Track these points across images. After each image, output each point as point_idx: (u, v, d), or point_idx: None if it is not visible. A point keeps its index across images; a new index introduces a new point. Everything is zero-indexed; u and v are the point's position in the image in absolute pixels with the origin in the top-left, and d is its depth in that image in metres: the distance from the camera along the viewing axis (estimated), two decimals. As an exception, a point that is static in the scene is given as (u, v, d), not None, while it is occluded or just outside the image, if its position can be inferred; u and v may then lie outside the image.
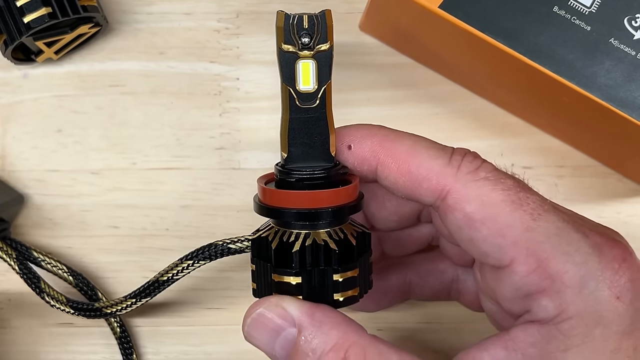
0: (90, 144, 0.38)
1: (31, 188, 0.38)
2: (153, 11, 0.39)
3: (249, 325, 0.27)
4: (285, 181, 0.28)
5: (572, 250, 0.26)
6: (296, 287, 0.27)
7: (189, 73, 0.39)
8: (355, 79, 0.39)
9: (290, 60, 0.27)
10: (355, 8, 0.39)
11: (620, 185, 0.39)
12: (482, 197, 0.26)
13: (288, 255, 0.27)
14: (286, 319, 0.26)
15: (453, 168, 0.27)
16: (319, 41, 0.27)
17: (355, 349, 0.26)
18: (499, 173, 0.27)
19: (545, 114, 0.37)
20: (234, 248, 0.31)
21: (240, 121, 0.38)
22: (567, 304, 0.25)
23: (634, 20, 0.30)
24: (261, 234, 0.28)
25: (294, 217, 0.27)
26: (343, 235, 0.27)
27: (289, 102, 0.28)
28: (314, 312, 0.26)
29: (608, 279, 0.26)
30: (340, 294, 0.27)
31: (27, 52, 0.37)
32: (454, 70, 0.38)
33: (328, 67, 0.27)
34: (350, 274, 0.27)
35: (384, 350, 0.26)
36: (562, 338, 0.25)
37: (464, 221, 0.26)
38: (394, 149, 0.28)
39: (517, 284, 0.26)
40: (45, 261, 0.36)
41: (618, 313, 0.25)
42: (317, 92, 0.27)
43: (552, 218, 0.26)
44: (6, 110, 0.38)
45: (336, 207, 0.27)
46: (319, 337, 0.26)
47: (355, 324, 0.27)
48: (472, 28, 0.31)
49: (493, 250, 0.26)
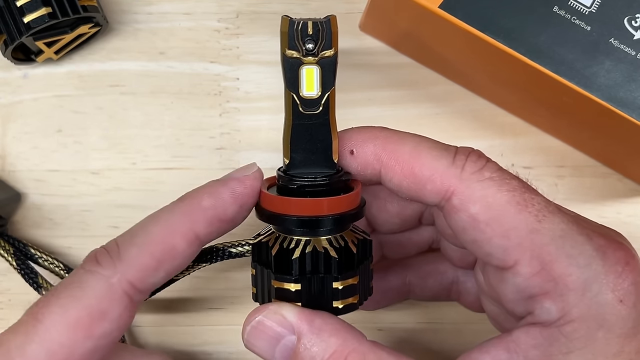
0: (90, 144, 0.38)
1: (31, 188, 0.38)
2: (153, 11, 0.39)
3: (248, 332, 0.27)
4: (287, 187, 0.28)
5: (576, 253, 0.26)
6: (295, 293, 0.27)
7: (189, 73, 0.39)
8: (355, 79, 0.39)
9: (294, 66, 0.27)
10: (355, 8, 0.39)
11: (621, 186, 0.39)
12: (487, 198, 0.26)
13: (288, 262, 0.27)
14: (285, 326, 0.26)
15: (457, 168, 0.27)
16: (323, 47, 0.27)
17: (355, 356, 0.26)
18: (504, 173, 0.27)
19: (545, 114, 0.37)
20: (234, 252, 0.31)
21: (240, 121, 0.38)
22: (570, 307, 0.25)
23: (634, 20, 0.30)
24: (262, 239, 0.28)
25: (295, 224, 0.27)
26: (344, 242, 0.27)
27: (292, 108, 0.27)
28: (313, 319, 0.26)
29: (611, 282, 0.26)
30: (340, 301, 0.27)
31: (27, 52, 0.37)
32: (454, 70, 0.38)
33: (332, 73, 0.27)
34: (351, 281, 0.27)
35: (384, 356, 0.26)
36: (564, 341, 0.25)
37: (468, 222, 0.26)
38: (397, 151, 0.27)
39: (521, 286, 0.26)
40: (42, 258, 0.36)
41: (621, 316, 0.25)
42: (320, 99, 0.27)
43: (556, 220, 0.26)
44: (6, 110, 0.38)
45: (337, 214, 0.27)
46: (318, 344, 0.26)
47: (355, 330, 0.27)
48: (472, 28, 0.31)
49: (497, 252, 0.26)
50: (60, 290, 0.26)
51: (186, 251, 0.27)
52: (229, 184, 0.28)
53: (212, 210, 0.27)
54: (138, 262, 0.27)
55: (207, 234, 0.27)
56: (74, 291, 0.26)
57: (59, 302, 0.26)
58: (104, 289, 0.26)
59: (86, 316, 0.26)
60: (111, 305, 0.26)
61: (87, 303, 0.26)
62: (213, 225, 0.27)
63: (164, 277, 0.27)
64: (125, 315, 0.27)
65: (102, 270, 0.26)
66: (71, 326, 0.25)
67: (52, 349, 0.25)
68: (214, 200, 0.27)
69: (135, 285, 0.27)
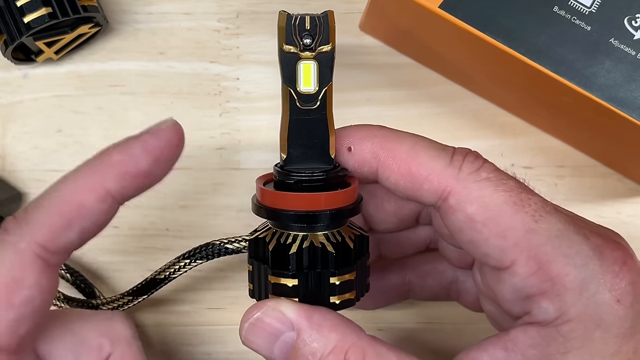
0: (90, 144, 0.38)
1: (31, 188, 0.38)
2: (153, 11, 0.39)
3: (246, 330, 0.27)
4: (284, 182, 0.28)
5: (573, 253, 0.26)
6: (292, 289, 0.27)
7: (189, 73, 0.39)
8: (355, 79, 0.39)
9: (291, 61, 0.27)
10: (355, 8, 0.39)
11: (621, 186, 0.39)
12: (484, 198, 0.26)
13: (285, 257, 0.27)
14: (284, 322, 0.26)
15: (454, 169, 0.27)
16: (321, 42, 0.27)
17: (355, 350, 0.26)
18: (501, 174, 0.27)
19: (545, 114, 0.37)
20: (231, 248, 0.31)
21: (240, 121, 0.38)
22: (568, 307, 0.25)
23: (634, 20, 0.30)
24: (258, 235, 0.28)
25: (292, 219, 0.27)
26: (341, 238, 0.27)
27: (290, 103, 0.27)
28: (312, 314, 0.26)
29: (609, 282, 0.26)
30: (337, 296, 0.27)
31: (27, 52, 0.37)
32: (454, 70, 0.38)
33: (329, 68, 0.27)
34: (348, 277, 0.27)
35: (383, 351, 0.26)
36: (562, 340, 0.25)
37: (465, 222, 0.26)
38: (395, 150, 0.27)
39: (518, 286, 0.26)
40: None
41: (618, 316, 0.25)
42: (317, 94, 0.27)
43: (553, 220, 0.26)
44: (6, 110, 0.38)
45: (334, 209, 0.27)
46: (318, 340, 0.26)
47: (354, 325, 0.27)
48: (472, 28, 0.31)
49: (494, 252, 0.26)
50: None
51: (97, 207, 0.26)
52: (141, 137, 0.27)
53: (122, 165, 0.26)
54: (46, 222, 0.26)
55: (119, 189, 0.26)
56: None
57: None
58: (13, 257, 0.25)
59: (1, 287, 0.25)
60: (24, 271, 0.25)
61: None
62: (125, 180, 0.26)
63: (79, 236, 0.26)
64: (44, 279, 0.25)
65: (8, 237, 0.25)
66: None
67: None
68: (124, 155, 0.26)
69: (46, 247, 0.25)
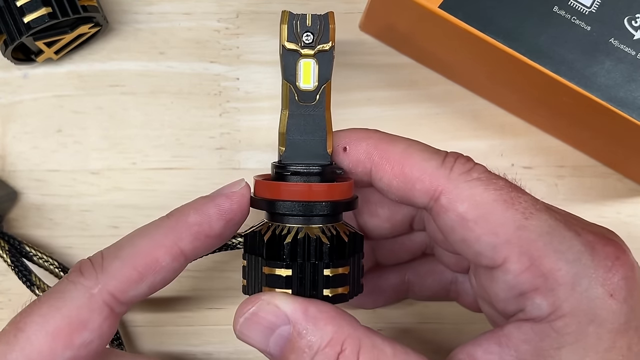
0: (90, 144, 0.38)
1: (31, 188, 0.38)
2: (153, 11, 0.39)
3: (241, 324, 0.27)
4: (281, 174, 0.28)
5: (564, 249, 0.26)
6: (286, 279, 0.27)
7: (189, 73, 0.39)
8: (355, 79, 0.39)
9: (292, 58, 0.28)
10: (355, 8, 0.39)
11: (621, 185, 0.39)
12: (475, 196, 0.26)
13: (280, 247, 0.27)
14: (279, 316, 0.27)
15: (446, 169, 0.27)
16: (321, 41, 0.28)
17: (351, 342, 0.26)
18: (491, 174, 0.27)
19: (545, 114, 0.37)
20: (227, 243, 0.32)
21: (240, 121, 0.39)
22: (561, 302, 0.25)
23: (634, 20, 0.30)
24: (254, 229, 0.28)
25: (288, 208, 0.27)
26: (336, 232, 0.28)
27: (289, 99, 0.28)
28: (307, 307, 0.27)
29: (601, 277, 0.26)
30: (330, 290, 0.27)
31: (27, 52, 0.37)
32: (454, 70, 0.38)
33: (329, 66, 0.28)
34: (341, 270, 0.27)
35: (378, 342, 0.26)
36: (555, 336, 0.26)
37: (457, 221, 0.27)
38: (389, 151, 0.28)
39: (511, 283, 0.26)
40: (37, 256, 0.36)
41: (612, 311, 0.26)
42: (316, 91, 0.28)
43: (544, 217, 0.26)
44: (6, 110, 0.38)
45: (330, 201, 0.27)
46: (314, 332, 0.26)
47: (349, 316, 0.27)
48: (472, 28, 0.31)
49: (486, 250, 0.26)
50: (43, 300, 0.27)
51: (170, 265, 0.28)
52: (216, 200, 0.28)
53: (198, 226, 0.28)
54: (120, 274, 0.27)
55: (192, 249, 0.28)
56: (55, 301, 0.27)
57: (40, 312, 0.27)
58: (84, 300, 0.27)
59: (66, 326, 0.26)
60: (91, 316, 0.27)
61: (67, 313, 0.26)
62: (199, 240, 0.28)
63: (148, 290, 0.28)
64: (106, 325, 0.27)
65: (84, 281, 0.27)
66: (51, 335, 0.26)
67: (32, 358, 0.26)
68: (200, 216, 0.28)
69: (116, 297, 0.27)
